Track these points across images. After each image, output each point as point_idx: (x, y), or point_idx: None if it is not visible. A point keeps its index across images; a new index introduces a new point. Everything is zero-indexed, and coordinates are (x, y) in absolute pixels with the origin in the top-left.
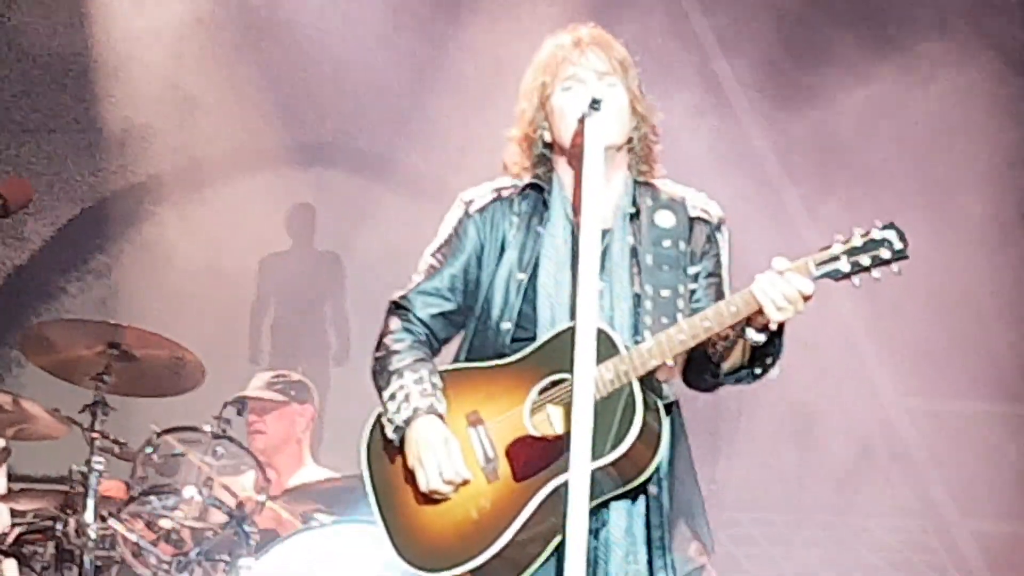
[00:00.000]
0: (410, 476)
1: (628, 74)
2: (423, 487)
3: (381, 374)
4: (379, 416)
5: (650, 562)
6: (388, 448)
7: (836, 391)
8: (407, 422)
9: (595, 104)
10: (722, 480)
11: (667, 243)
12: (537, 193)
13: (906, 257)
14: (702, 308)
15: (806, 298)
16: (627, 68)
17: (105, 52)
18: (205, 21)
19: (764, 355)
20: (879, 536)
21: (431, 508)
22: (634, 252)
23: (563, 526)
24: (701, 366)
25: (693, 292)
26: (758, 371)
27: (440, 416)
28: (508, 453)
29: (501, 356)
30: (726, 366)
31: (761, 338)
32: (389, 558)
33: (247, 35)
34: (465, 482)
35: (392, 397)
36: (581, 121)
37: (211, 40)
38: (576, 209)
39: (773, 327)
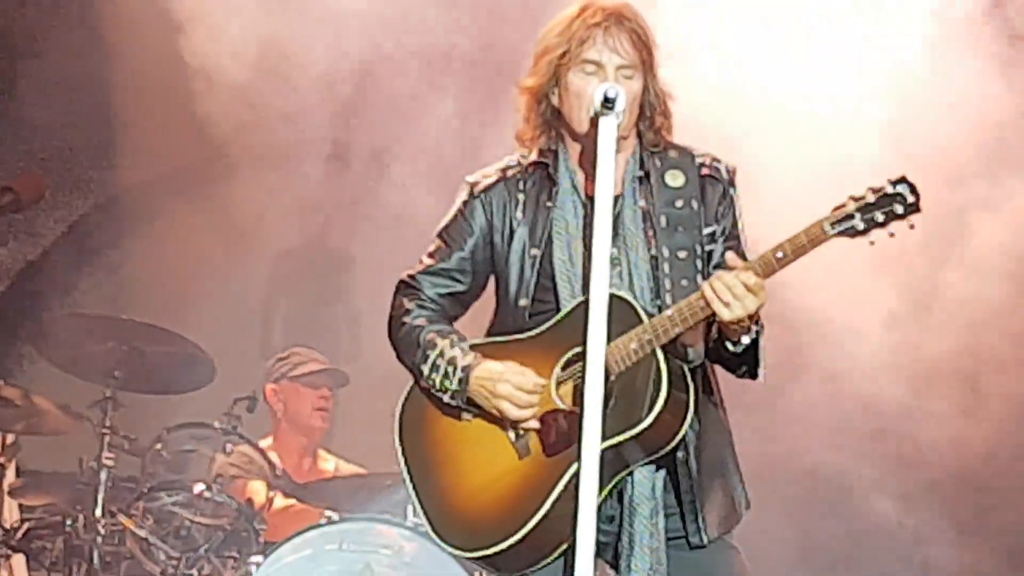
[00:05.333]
0: (445, 456)
1: (648, 60)
2: (515, 416)
3: (412, 350)
4: (408, 397)
5: (684, 526)
6: (420, 429)
7: None
8: (463, 382)
9: (608, 104)
10: None
11: (680, 203)
12: (542, 170)
13: (918, 210)
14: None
15: (752, 291)
16: (649, 53)
17: (118, 48)
18: (219, 15)
19: (746, 362)
20: None
21: (466, 489)
22: (647, 215)
23: (575, 500)
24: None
25: (711, 253)
26: (748, 375)
27: None
28: (538, 428)
29: (523, 331)
30: (718, 363)
31: (737, 348)
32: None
33: (257, 30)
34: (542, 388)
35: (435, 368)
36: (595, 118)
37: (224, 35)
38: (584, 182)
39: (738, 335)
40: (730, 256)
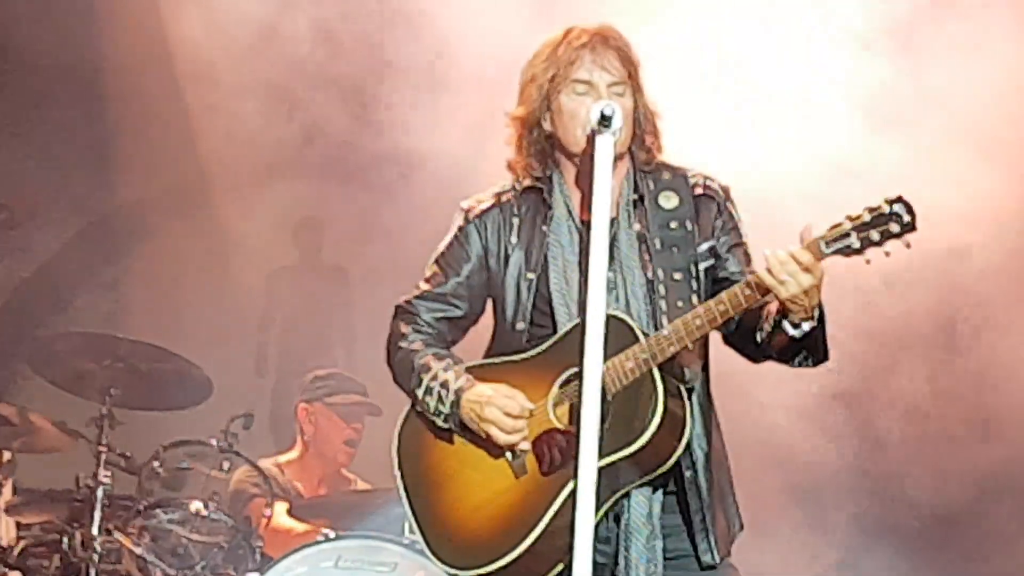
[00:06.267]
0: (443, 475)
1: (635, 77)
2: (503, 441)
3: (408, 374)
4: (406, 418)
5: (694, 546)
6: (418, 450)
7: None
8: (455, 405)
9: (605, 121)
10: None
11: (674, 224)
12: (537, 194)
13: (914, 229)
14: (737, 279)
15: (806, 269)
16: (635, 70)
17: (113, 65)
18: (212, 35)
19: (806, 347)
20: None
21: (463, 508)
22: (642, 238)
23: (571, 521)
24: (745, 338)
25: (709, 269)
26: (809, 361)
27: None
28: (534, 447)
29: (520, 354)
30: (774, 352)
31: (797, 332)
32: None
33: (253, 49)
34: (531, 413)
35: (428, 391)
36: (591, 136)
37: (218, 54)
38: (579, 205)
39: (800, 317)
40: (805, 230)
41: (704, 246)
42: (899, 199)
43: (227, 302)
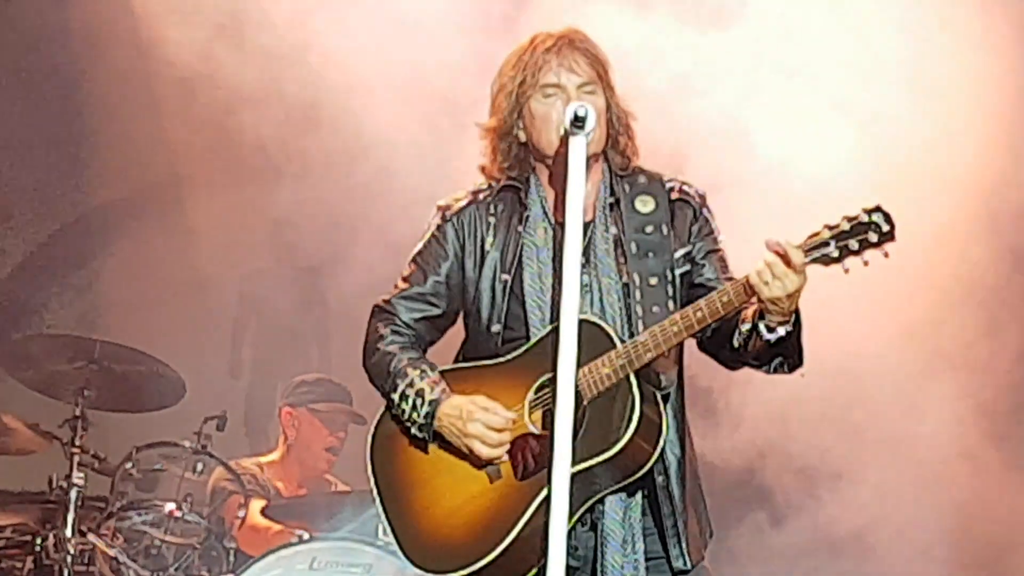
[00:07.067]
0: (417, 478)
1: (605, 77)
2: (485, 455)
3: (383, 377)
4: (381, 420)
5: (665, 551)
6: (392, 452)
7: None
8: (430, 416)
9: (578, 122)
10: None
11: (650, 228)
12: (513, 194)
13: (893, 238)
14: (713, 285)
15: (791, 267)
16: (604, 70)
17: (86, 67)
18: (190, 36)
19: (781, 352)
20: None
21: (437, 511)
22: (618, 242)
23: (545, 526)
24: (721, 344)
25: (685, 275)
26: (785, 367)
27: None
28: (509, 452)
29: (495, 357)
30: (750, 357)
31: (772, 336)
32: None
33: (225, 49)
34: (514, 422)
35: (404, 397)
36: (564, 137)
37: (191, 57)
38: (554, 207)
39: (777, 321)
40: (769, 241)
41: (680, 252)
42: (878, 208)
43: (201, 304)
